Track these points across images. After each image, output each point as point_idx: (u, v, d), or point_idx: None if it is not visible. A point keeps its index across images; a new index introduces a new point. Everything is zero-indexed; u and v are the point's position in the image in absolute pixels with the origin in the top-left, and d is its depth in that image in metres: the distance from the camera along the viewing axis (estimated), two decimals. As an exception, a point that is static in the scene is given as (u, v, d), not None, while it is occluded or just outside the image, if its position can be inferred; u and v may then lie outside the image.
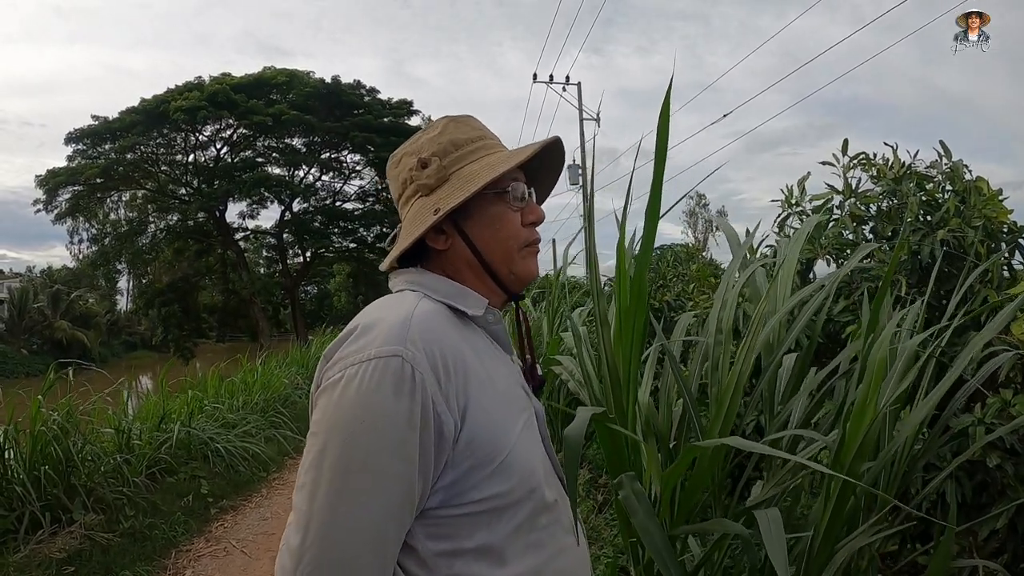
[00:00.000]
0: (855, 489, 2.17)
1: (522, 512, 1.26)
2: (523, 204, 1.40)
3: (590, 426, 2.48)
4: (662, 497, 2.41)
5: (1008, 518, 2.96)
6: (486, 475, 1.21)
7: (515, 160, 1.34)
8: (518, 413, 1.32)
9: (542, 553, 1.28)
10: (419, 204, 1.37)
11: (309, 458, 1.16)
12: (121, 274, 49.08)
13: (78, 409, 6.08)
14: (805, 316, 2.73)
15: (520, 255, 1.39)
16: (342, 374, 1.16)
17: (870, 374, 2.06)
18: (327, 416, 1.16)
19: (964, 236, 3.78)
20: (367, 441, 1.12)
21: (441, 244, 1.36)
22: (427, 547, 1.20)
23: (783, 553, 1.58)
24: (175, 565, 5.39)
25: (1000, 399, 3.03)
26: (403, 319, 1.21)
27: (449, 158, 1.37)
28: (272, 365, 13.15)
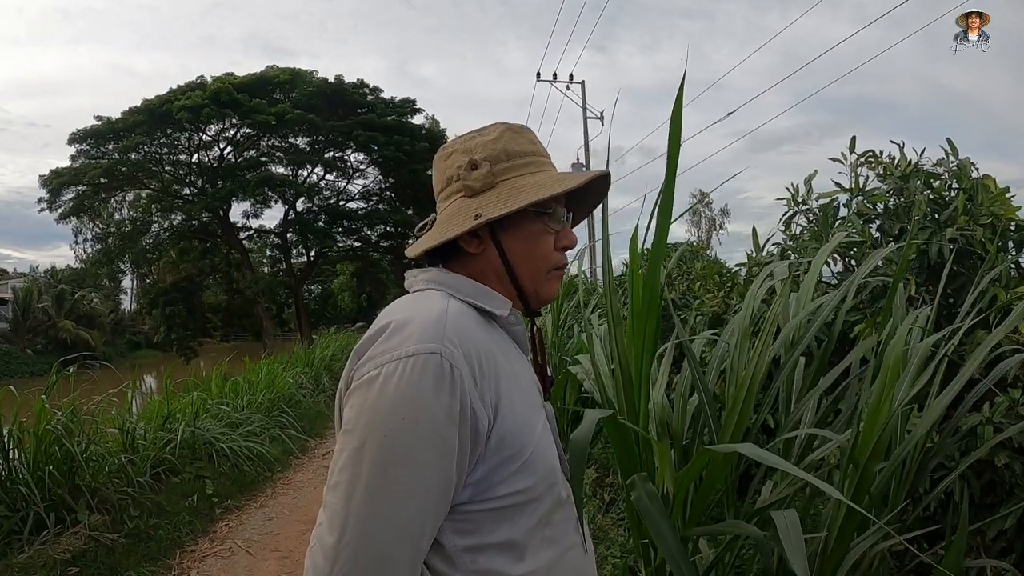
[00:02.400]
0: (870, 488, 2.15)
1: (542, 507, 1.28)
2: (560, 227, 1.41)
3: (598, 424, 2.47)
4: (675, 498, 2.39)
5: (1016, 518, 2.95)
6: (513, 471, 1.22)
7: (564, 186, 1.35)
8: (538, 411, 1.34)
9: (557, 548, 1.31)
10: (460, 204, 1.37)
11: (344, 456, 1.16)
12: (125, 274, 49.20)
13: (82, 409, 6.08)
14: (820, 318, 2.72)
15: (547, 276, 1.42)
16: (379, 370, 1.16)
17: (885, 373, 2.04)
18: (365, 412, 1.16)
19: (972, 234, 3.76)
20: (408, 436, 1.13)
21: (474, 248, 1.37)
22: (453, 542, 1.21)
23: (802, 554, 1.57)
24: (180, 565, 5.39)
25: (1008, 398, 3.02)
26: (438, 317, 1.22)
27: (500, 166, 1.38)
28: (276, 365, 13.16)
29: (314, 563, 1.14)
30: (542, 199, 1.32)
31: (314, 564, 1.14)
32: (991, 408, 3.03)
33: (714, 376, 2.99)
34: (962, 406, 2.71)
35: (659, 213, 2.30)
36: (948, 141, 4.31)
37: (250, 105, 34.22)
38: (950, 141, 4.30)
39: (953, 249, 3.68)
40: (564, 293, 7.26)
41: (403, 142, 35.15)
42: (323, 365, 15.56)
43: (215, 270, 42.13)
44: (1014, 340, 3.21)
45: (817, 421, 2.62)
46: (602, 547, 4.45)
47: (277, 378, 11.77)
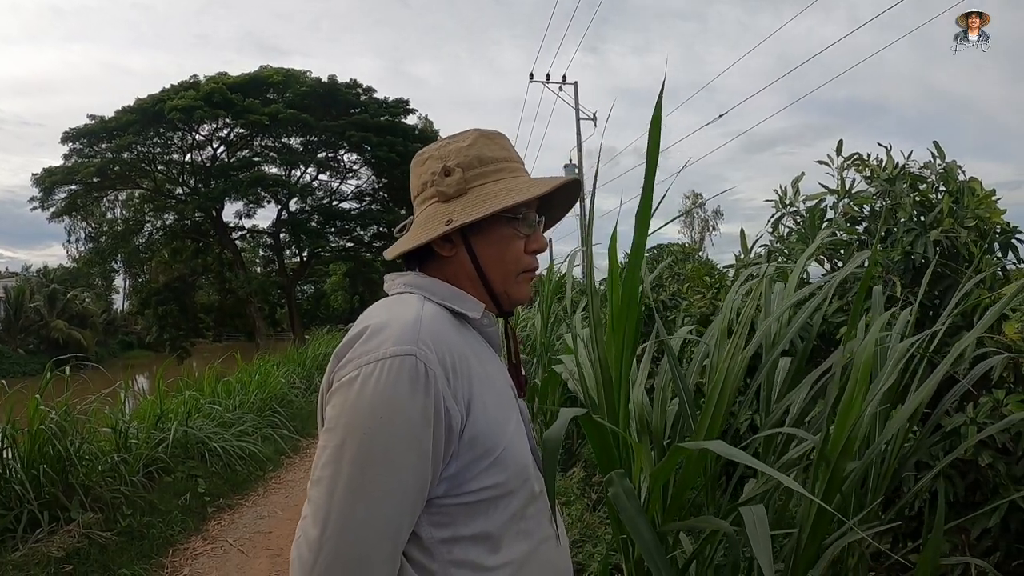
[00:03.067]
0: (841, 487, 2.20)
1: (516, 502, 1.33)
2: (530, 232, 1.45)
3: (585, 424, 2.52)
4: (651, 494, 2.44)
5: (1000, 517, 2.99)
6: (485, 467, 1.27)
7: (535, 191, 1.40)
8: (511, 410, 1.39)
9: (531, 540, 1.36)
10: (433, 209, 1.42)
11: (327, 453, 1.21)
12: (117, 273, 49.11)
13: (75, 408, 6.09)
14: (801, 318, 2.76)
15: (517, 279, 1.46)
16: (358, 372, 1.21)
17: (856, 373, 2.09)
18: (345, 412, 1.20)
19: (957, 236, 3.81)
20: (385, 436, 1.18)
21: (446, 251, 1.41)
22: (430, 534, 1.26)
23: (768, 550, 1.61)
24: (172, 564, 5.42)
25: (992, 399, 3.05)
26: (413, 320, 1.27)
27: (472, 172, 1.42)
28: (269, 365, 13.17)
29: (299, 554, 1.20)
30: (511, 205, 1.36)
31: (299, 555, 1.20)
32: (975, 409, 3.08)
33: (695, 374, 3.03)
34: (940, 406, 2.75)
35: (637, 219, 2.34)
36: (935, 144, 4.35)
37: (243, 105, 34.21)
38: (937, 144, 4.34)
39: (937, 251, 3.73)
40: (554, 293, 7.30)
41: (396, 142, 35.15)
42: (315, 365, 15.55)
43: (208, 270, 42.10)
44: (998, 342, 3.26)
45: (796, 420, 2.66)
46: (589, 544, 4.50)
47: (269, 378, 11.79)
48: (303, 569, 1.18)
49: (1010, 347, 3.21)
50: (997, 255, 3.93)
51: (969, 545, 3.11)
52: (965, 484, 3.19)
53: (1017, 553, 3.05)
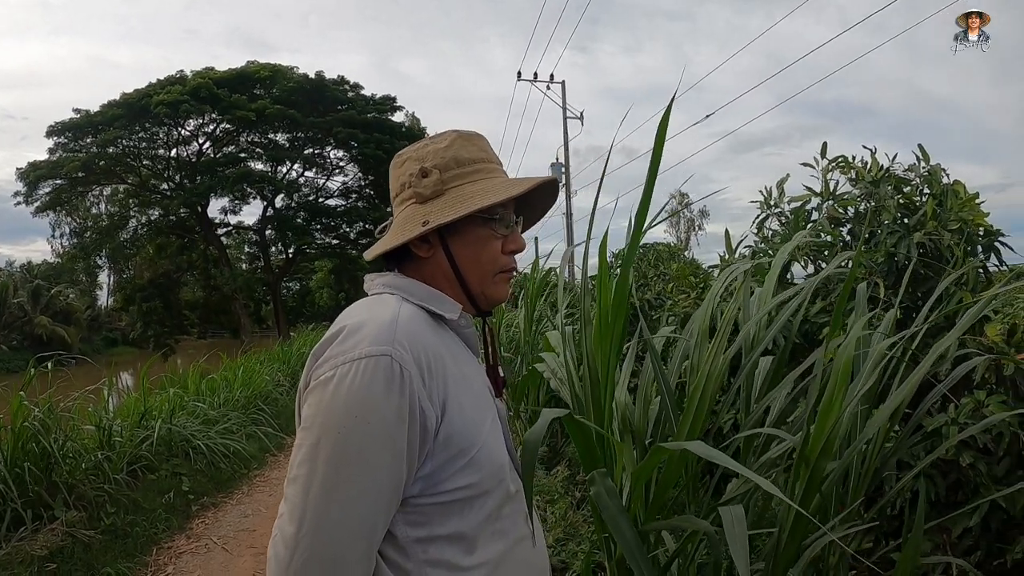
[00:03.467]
0: (820, 487, 2.22)
1: (491, 502, 1.34)
2: (508, 232, 1.47)
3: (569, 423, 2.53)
4: (633, 493, 2.46)
5: (981, 516, 3.02)
6: (460, 467, 1.29)
7: (510, 192, 1.41)
8: (486, 411, 1.40)
9: (507, 540, 1.38)
10: (411, 210, 1.43)
11: (302, 452, 1.22)
12: (102, 269, 48.88)
13: (59, 405, 6.07)
14: (782, 318, 2.78)
15: (494, 279, 1.48)
16: (334, 372, 1.22)
17: (836, 374, 2.11)
18: (320, 412, 1.22)
19: (940, 239, 3.84)
20: (360, 435, 1.19)
21: (424, 252, 1.43)
22: (405, 533, 1.28)
23: (745, 550, 1.62)
24: (156, 562, 5.40)
25: (974, 399, 3.09)
26: (389, 320, 1.28)
27: (449, 173, 1.43)
28: (253, 362, 13.13)
29: (276, 552, 1.21)
30: (487, 205, 1.38)
31: (276, 553, 1.21)
32: (956, 409, 3.10)
33: (676, 374, 3.05)
34: (921, 406, 2.77)
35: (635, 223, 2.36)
36: (920, 147, 4.38)
37: (230, 100, 34.10)
38: (922, 147, 4.37)
39: (919, 253, 3.76)
40: (538, 291, 7.30)
41: (383, 139, 35.08)
42: (300, 362, 15.38)
43: (193, 266, 41.93)
44: (980, 343, 3.29)
45: (777, 419, 2.68)
46: (572, 543, 4.51)
47: (254, 375, 11.75)
48: (280, 567, 1.19)
49: (992, 348, 3.24)
50: (980, 257, 3.96)
51: (950, 544, 3.14)
52: (947, 484, 3.22)
53: (998, 552, 3.09)
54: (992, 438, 3.08)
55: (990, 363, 3.20)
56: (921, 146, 4.37)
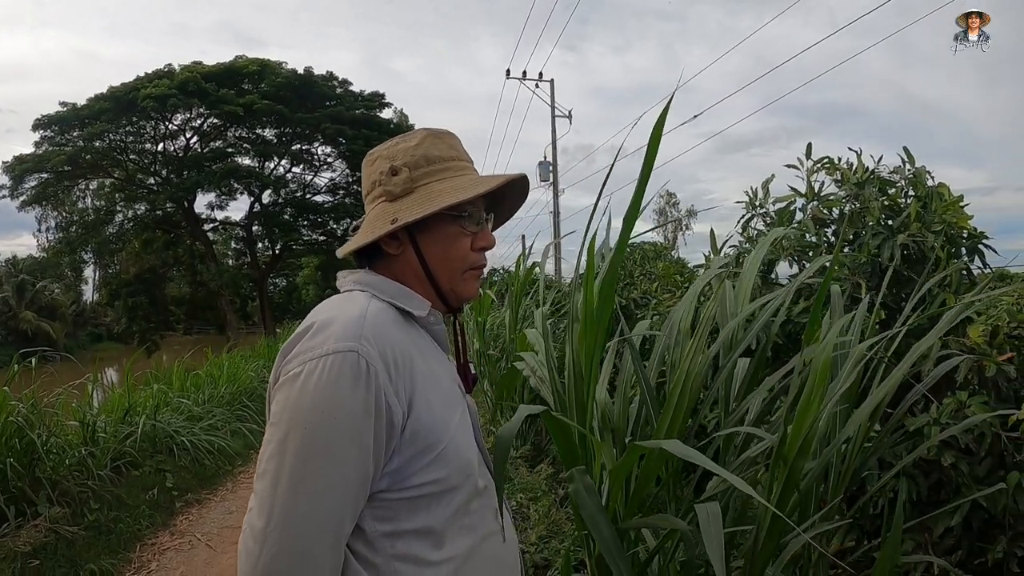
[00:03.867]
0: (798, 485, 2.23)
1: (459, 497, 1.36)
2: (477, 229, 1.49)
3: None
4: (612, 491, 2.47)
5: (962, 516, 3.05)
6: (427, 462, 1.30)
7: (478, 189, 1.42)
8: (455, 407, 1.42)
9: (475, 535, 1.39)
10: (381, 208, 1.45)
11: (271, 447, 1.24)
12: (87, 264, 48.59)
13: (43, 401, 6.05)
14: (763, 318, 2.80)
15: (463, 277, 1.49)
16: (302, 368, 1.24)
17: (814, 374, 2.13)
18: (289, 407, 1.23)
19: (924, 241, 3.86)
20: (327, 430, 1.20)
21: (393, 249, 1.44)
22: (373, 528, 1.29)
23: (720, 547, 1.64)
24: (140, 558, 5.40)
25: (956, 400, 3.11)
26: (357, 317, 1.30)
27: (419, 171, 1.45)
28: (238, 358, 13.11)
29: (246, 546, 1.22)
30: (456, 203, 1.39)
31: (246, 547, 1.22)
32: (938, 410, 3.13)
33: (655, 372, 3.06)
34: (901, 405, 2.80)
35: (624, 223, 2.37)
36: (905, 149, 4.42)
37: (218, 95, 33.96)
38: (907, 149, 4.41)
39: (902, 255, 3.78)
40: (523, 289, 7.31)
41: (371, 136, 34.90)
42: (287, 359, 15.39)
43: (179, 262, 41.77)
44: (963, 344, 3.32)
45: (758, 419, 2.70)
46: (555, 540, 4.53)
47: (239, 371, 11.73)
48: (249, 560, 1.21)
49: (974, 350, 3.27)
50: (964, 259, 3.99)
51: (932, 544, 3.17)
52: (929, 484, 3.24)
53: (979, 552, 3.11)
54: (974, 438, 3.11)
55: (973, 364, 3.23)
56: (906, 148, 4.41)
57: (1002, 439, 3.04)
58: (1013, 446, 3.04)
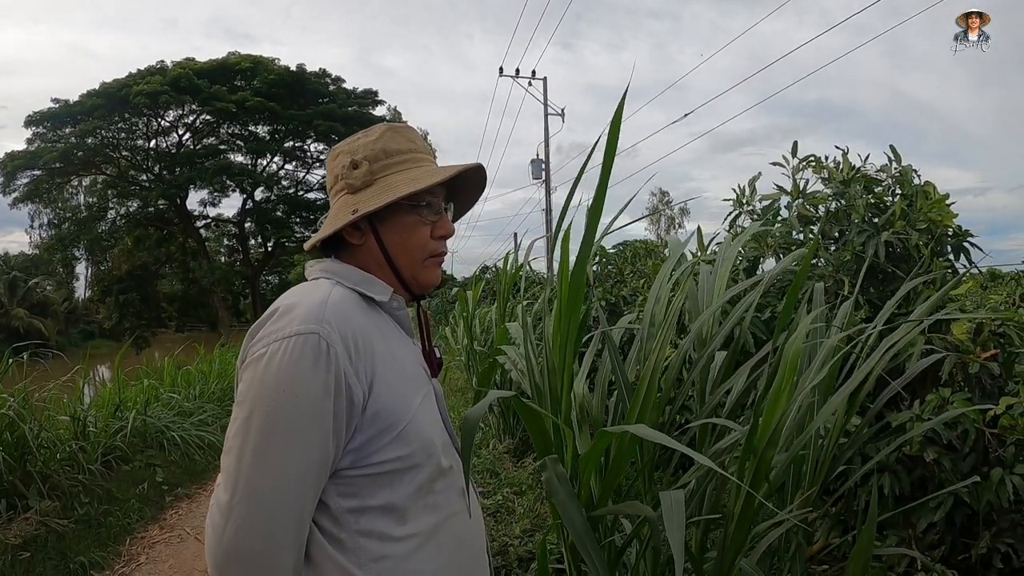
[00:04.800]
0: (767, 476, 2.28)
1: (421, 475, 1.40)
2: (436, 218, 1.54)
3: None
4: (583, 479, 2.51)
5: (945, 511, 3.08)
6: (389, 440, 1.35)
7: (434, 179, 1.48)
8: (417, 389, 1.46)
9: (439, 514, 1.43)
10: (343, 200, 1.51)
11: (236, 425, 1.28)
12: (79, 260, 48.45)
13: (34, 396, 6.06)
14: (737, 312, 2.84)
15: (423, 264, 1.54)
16: (266, 349, 1.29)
17: (784, 366, 2.17)
18: (252, 386, 1.28)
19: (908, 238, 3.90)
20: (289, 407, 1.25)
21: (356, 239, 1.50)
22: (338, 504, 1.33)
23: (680, 533, 1.66)
24: (130, 552, 5.41)
25: (939, 396, 3.14)
26: (319, 302, 1.34)
27: (378, 164, 1.51)
28: (229, 355, 13.11)
29: (212, 520, 1.27)
30: (412, 192, 1.45)
31: (212, 521, 1.27)
32: (921, 406, 3.16)
33: (634, 366, 3.10)
34: (879, 400, 2.84)
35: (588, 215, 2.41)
36: (891, 148, 4.45)
37: (210, 92, 33.92)
38: (893, 148, 4.44)
39: (887, 252, 3.82)
40: (510, 285, 7.34)
41: (365, 133, 34.79)
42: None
43: (171, 259, 41.72)
44: (946, 342, 3.36)
45: (732, 410, 2.74)
46: (539, 534, 4.55)
47: (230, 368, 11.72)
48: (215, 534, 1.25)
49: (958, 347, 3.31)
50: (949, 257, 4.03)
51: (916, 539, 3.19)
52: (912, 479, 3.27)
53: (963, 547, 3.15)
54: (958, 435, 3.14)
55: (957, 361, 3.26)
56: (892, 147, 4.44)
57: (986, 436, 3.08)
58: (996, 442, 3.07)
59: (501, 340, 4.17)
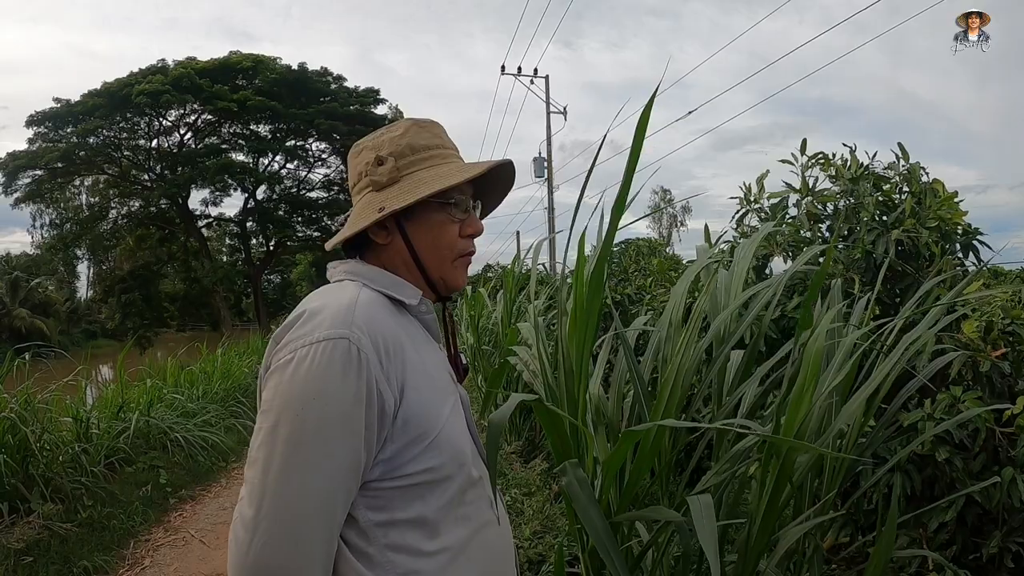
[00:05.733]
0: (791, 478, 2.23)
1: (452, 487, 1.34)
2: (464, 216, 1.48)
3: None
4: (604, 483, 2.47)
5: (957, 511, 3.05)
6: (420, 451, 1.29)
7: (464, 175, 1.42)
8: (446, 396, 1.41)
9: (470, 526, 1.38)
10: (368, 198, 1.45)
11: (261, 434, 1.23)
12: (81, 260, 48.51)
13: (36, 398, 6.02)
14: (754, 310, 2.79)
15: (452, 265, 1.49)
16: (293, 355, 1.23)
17: (806, 366, 2.12)
18: (279, 394, 1.22)
19: (918, 236, 3.86)
20: (318, 416, 1.19)
21: (382, 239, 1.44)
22: (366, 517, 1.27)
23: (714, 538, 1.63)
24: (134, 555, 5.38)
25: (950, 395, 3.11)
26: (348, 305, 1.29)
27: (404, 160, 1.45)
28: (232, 354, 13.09)
29: (235, 536, 1.21)
30: (442, 189, 1.39)
31: (235, 536, 1.21)
32: (933, 405, 3.13)
33: (649, 367, 3.06)
34: (896, 400, 2.80)
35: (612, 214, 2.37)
36: (899, 146, 4.41)
37: (212, 91, 33.93)
38: (901, 145, 4.41)
39: (897, 250, 3.78)
40: (517, 285, 7.31)
41: (366, 132, 33.96)
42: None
43: (173, 258, 41.73)
44: (956, 340, 3.32)
45: (749, 412, 2.69)
46: (549, 536, 4.52)
47: (233, 368, 11.71)
48: (240, 550, 1.19)
49: (968, 345, 3.27)
50: (958, 255, 4.00)
51: (927, 539, 3.17)
52: (923, 479, 3.24)
53: (973, 547, 3.12)
54: (968, 434, 3.11)
55: (967, 360, 3.23)
56: (901, 144, 4.40)
57: (996, 434, 3.05)
58: (1007, 441, 3.04)
59: (512, 340, 4.12)
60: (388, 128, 1.51)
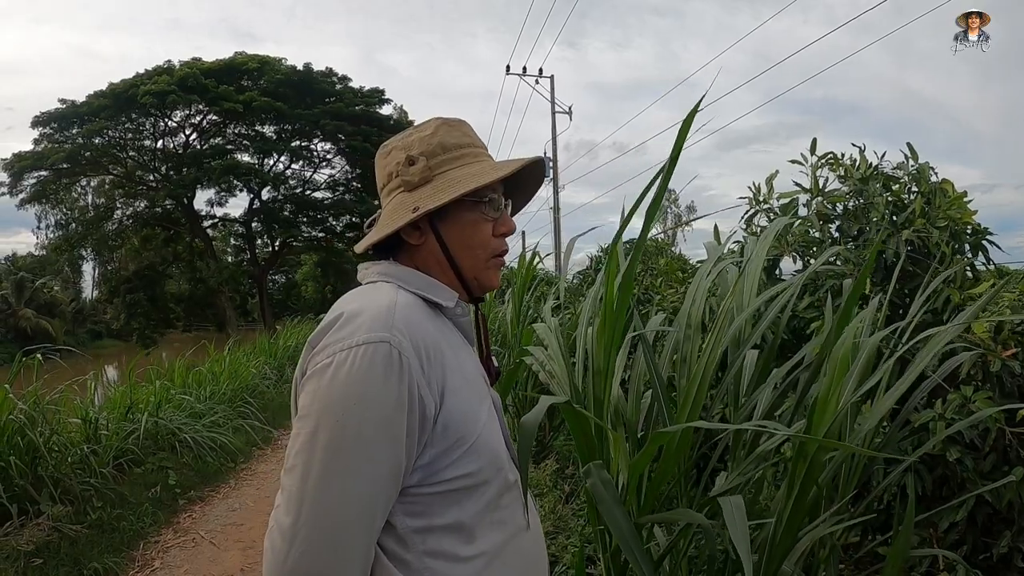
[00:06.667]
0: (818, 480, 2.23)
1: (490, 491, 1.34)
2: (497, 215, 1.47)
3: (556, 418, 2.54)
4: (628, 485, 2.47)
5: (967, 510, 3.04)
6: (459, 456, 1.28)
7: (497, 174, 1.41)
8: (482, 399, 1.40)
9: (506, 530, 1.37)
10: (400, 198, 1.43)
11: (300, 440, 1.21)
12: (86, 260, 48.62)
13: (45, 399, 6.03)
14: (771, 313, 2.79)
15: (486, 265, 1.48)
16: (331, 359, 1.21)
17: (833, 368, 2.12)
18: (318, 399, 1.20)
19: (929, 236, 3.85)
20: (358, 421, 1.18)
21: (415, 239, 1.43)
22: (404, 523, 1.26)
23: (746, 539, 1.63)
24: (143, 556, 5.39)
25: (961, 395, 3.10)
26: (387, 308, 1.27)
27: (436, 160, 1.43)
28: (240, 355, 13.10)
29: (272, 544, 1.20)
30: (475, 188, 1.38)
31: (272, 545, 1.20)
32: (943, 405, 3.12)
33: (667, 367, 3.05)
34: (910, 401, 2.79)
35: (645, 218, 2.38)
36: (908, 145, 4.39)
37: (217, 91, 33.91)
38: (910, 145, 4.39)
39: (907, 250, 3.77)
40: (526, 285, 7.30)
41: (371, 132, 34.91)
42: (287, 355, 15.44)
43: (178, 259, 41.72)
44: (967, 339, 3.31)
45: (766, 413, 2.69)
46: (562, 536, 4.52)
47: (240, 368, 11.72)
48: (276, 559, 1.18)
49: (979, 345, 3.26)
50: (968, 255, 3.98)
51: (937, 539, 3.16)
52: (933, 478, 3.24)
53: (983, 547, 3.11)
54: (979, 434, 3.10)
55: (977, 359, 3.22)
56: (909, 144, 4.38)
57: (1006, 434, 3.04)
58: (1018, 441, 3.03)
59: (527, 341, 4.11)
60: (417, 128, 1.50)
